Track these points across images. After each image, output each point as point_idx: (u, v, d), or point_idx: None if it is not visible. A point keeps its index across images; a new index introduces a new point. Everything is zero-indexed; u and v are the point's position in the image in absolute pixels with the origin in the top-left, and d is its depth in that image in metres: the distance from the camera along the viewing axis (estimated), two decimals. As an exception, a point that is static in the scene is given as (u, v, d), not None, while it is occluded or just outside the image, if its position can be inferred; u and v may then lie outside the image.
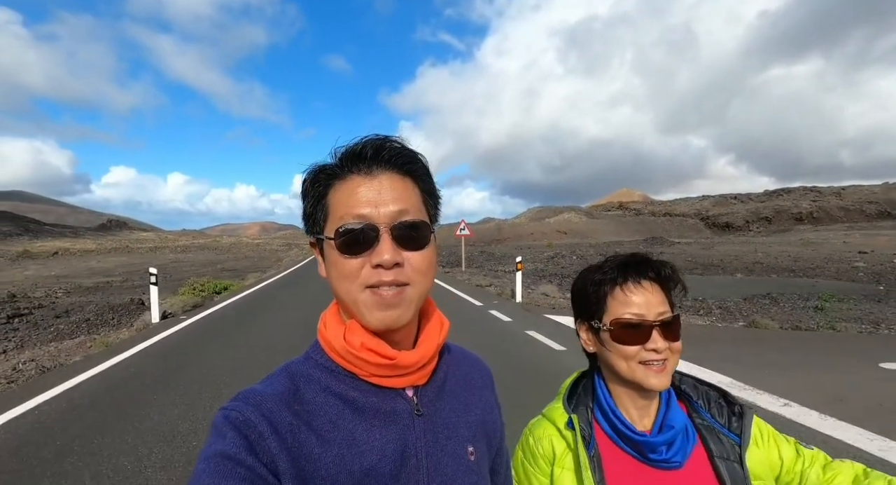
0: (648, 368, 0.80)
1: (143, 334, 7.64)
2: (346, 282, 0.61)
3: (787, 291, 13.08)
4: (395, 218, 0.61)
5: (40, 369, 5.84)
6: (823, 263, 22.97)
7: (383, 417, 0.63)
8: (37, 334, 10.09)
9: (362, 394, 0.63)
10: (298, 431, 0.58)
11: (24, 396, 4.64)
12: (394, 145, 0.63)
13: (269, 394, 0.60)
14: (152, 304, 8.67)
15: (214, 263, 35.71)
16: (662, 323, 0.81)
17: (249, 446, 0.55)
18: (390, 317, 0.60)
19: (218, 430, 0.57)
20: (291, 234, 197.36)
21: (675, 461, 0.80)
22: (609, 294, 0.85)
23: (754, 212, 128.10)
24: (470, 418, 0.70)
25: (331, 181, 0.64)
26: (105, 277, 26.54)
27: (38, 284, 23.21)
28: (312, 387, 0.63)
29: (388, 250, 0.59)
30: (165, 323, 8.58)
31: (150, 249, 62.29)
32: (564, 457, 0.85)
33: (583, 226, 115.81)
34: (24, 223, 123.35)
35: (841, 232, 67.66)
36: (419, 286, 0.63)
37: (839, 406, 3.86)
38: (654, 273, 0.84)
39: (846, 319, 8.74)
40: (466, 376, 0.75)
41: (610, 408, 0.84)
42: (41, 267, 35.86)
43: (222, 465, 0.53)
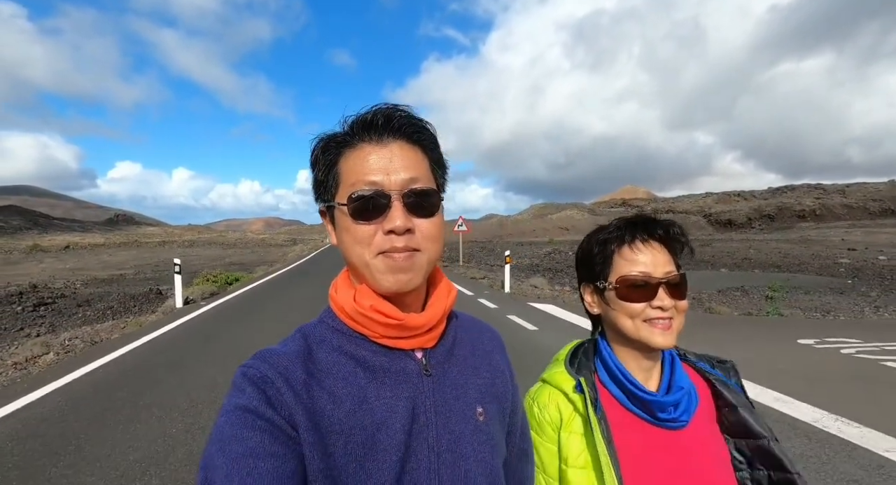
0: (654, 325, 0.81)
1: (169, 317, 8.64)
2: (359, 247, 0.62)
3: (761, 284, 13.94)
4: (406, 185, 0.62)
5: (90, 342, 6.86)
6: (810, 260, 23.76)
7: (393, 376, 0.64)
8: (65, 320, 11.11)
9: (373, 354, 0.65)
10: (311, 388, 0.61)
11: (87, 360, 5.66)
12: (403, 114, 0.64)
13: (284, 353, 0.63)
14: (176, 290, 9.67)
15: (222, 258, 36.80)
16: (669, 281, 0.81)
17: (268, 400, 0.57)
18: (401, 280, 0.62)
19: (237, 386, 0.59)
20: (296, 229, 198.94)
21: (682, 421, 0.81)
22: (616, 252, 0.85)
23: (757, 209, 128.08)
24: (479, 381, 0.71)
25: (341, 149, 0.65)
26: (118, 270, 27.64)
27: (55, 276, 24.31)
28: (325, 347, 0.65)
29: (400, 217, 0.61)
30: (188, 308, 9.59)
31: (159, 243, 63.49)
32: (572, 421, 0.85)
33: (585, 223, 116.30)
34: (34, 218, 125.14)
35: (842, 229, 68.00)
36: (429, 252, 0.64)
37: (750, 370, 4.78)
38: (662, 232, 0.84)
39: (803, 307, 9.62)
40: (475, 341, 0.76)
41: (618, 369, 0.85)
42: (55, 260, 37.06)
43: (243, 417, 0.55)
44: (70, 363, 5.61)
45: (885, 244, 35.42)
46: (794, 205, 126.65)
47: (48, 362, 5.85)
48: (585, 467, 0.81)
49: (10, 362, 5.88)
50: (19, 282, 20.29)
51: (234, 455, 0.53)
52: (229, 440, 0.54)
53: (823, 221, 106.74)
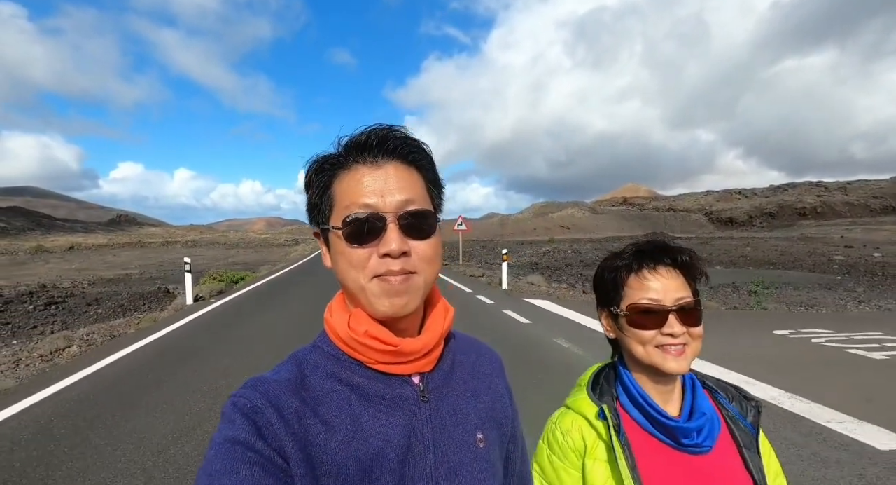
0: (666, 351, 0.81)
1: (181, 313, 9.07)
2: (354, 271, 0.61)
3: (753, 280, 14.32)
4: (402, 207, 0.61)
5: (109, 336, 7.29)
6: (805, 257, 24.12)
7: (389, 403, 0.63)
8: (76, 319, 11.52)
9: (368, 380, 0.63)
10: (304, 417, 0.59)
11: (109, 351, 6.09)
12: (398, 135, 0.64)
13: (276, 381, 0.62)
14: (187, 288, 10.10)
15: (225, 257, 37.30)
16: (680, 308, 0.81)
17: (258, 431, 0.56)
18: (397, 304, 0.61)
19: (227, 417, 0.58)
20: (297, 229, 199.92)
21: (705, 446, 0.81)
22: (626, 280, 0.86)
23: (758, 207, 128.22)
24: (479, 406, 0.70)
25: (335, 171, 0.64)
26: (123, 270, 28.10)
27: (61, 276, 24.77)
28: (319, 374, 0.64)
29: (396, 240, 0.60)
30: (198, 305, 10.02)
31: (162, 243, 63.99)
32: (595, 448, 0.84)
33: (586, 221, 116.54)
34: (37, 218, 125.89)
35: (843, 227, 68.27)
36: (426, 274, 0.63)
37: (725, 357, 5.17)
38: (670, 259, 0.84)
39: (789, 302, 10.02)
40: (475, 364, 0.74)
41: (640, 395, 0.85)
42: (61, 261, 37.56)
43: (232, 449, 0.54)
44: (93, 355, 6.03)
45: (883, 242, 35.74)
46: (795, 202, 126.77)
47: (72, 354, 6.28)
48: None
49: (36, 355, 6.31)
50: (28, 282, 20.73)
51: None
52: (219, 474, 0.53)
53: (824, 219, 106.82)
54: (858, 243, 33.66)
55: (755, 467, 0.82)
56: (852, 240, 38.24)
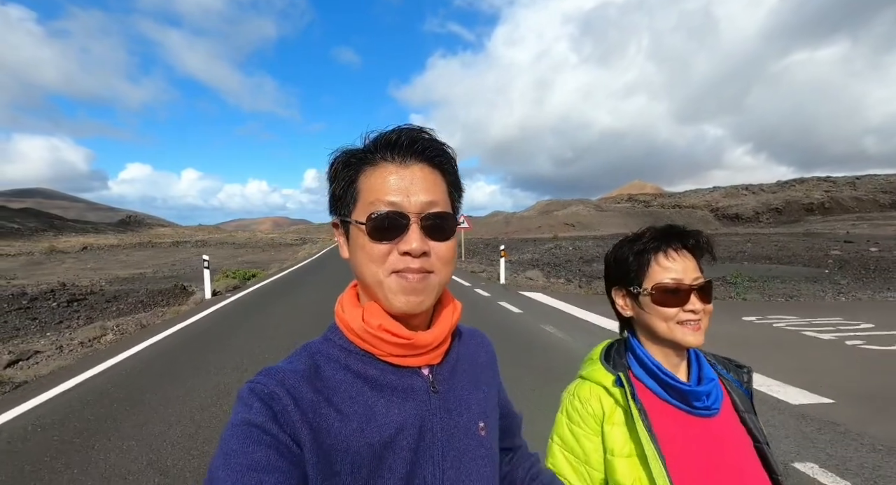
0: (685, 327, 0.88)
1: (201, 306, 9.81)
2: (373, 265, 0.63)
3: (744, 274, 14.85)
4: (425, 208, 0.63)
5: (139, 326, 8.04)
6: (803, 252, 24.52)
7: (401, 393, 0.65)
8: (99, 314, 12.27)
9: (381, 372, 0.66)
10: (319, 406, 0.61)
11: (142, 338, 6.82)
12: (427, 137, 0.66)
13: (290, 371, 0.63)
14: (206, 283, 10.86)
15: (235, 256, 38.16)
16: (699, 287, 0.89)
17: (274, 416, 0.58)
18: (413, 302, 0.63)
19: (244, 401, 0.60)
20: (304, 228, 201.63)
21: (714, 408, 0.89)
22: (652, 261, 0.91)
23: (765, 203, 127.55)
24: (479, 395, 0.74)
25: (362, 166, 0.66)
26: (137, 269, 28.99)
27: (78, 275, 25.69)
28: (332, 365, 0.66)
29: (417, 239, 0.62)
30: (216, 299, 10.77)
31: (172, 243, 65.14)
32: (613, 413, 0.90)
33: (591, 218, 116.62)
34: (49, 220, 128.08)
35: (849, 222, 68.08)
36: (442, 275, 0.65)
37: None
38: (693, 242, 0.92)
39: (771, 294, 10.57)
40: (474, 355, 0.78)
41: (654, 364, 0.91)
42: (76, 261, 38.61)
43: (249, 431, 0.56)
44: (128, 341, 6.77)
45: (889, 236, 35.85)
46: (802, 198, 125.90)
47: (109, 341, 7.03)
48: (630, 455, 0.86)
49: (76, 342, 7.06)
50: (48, 281, 21.62)
51: (238, 468, 0.53)
52: (234, 454, 0.54)
53: (832, 215, 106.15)
54: (862, 239, 33.86)
55: (755, 426, 0.90)
56: (858, 235, 38.36)
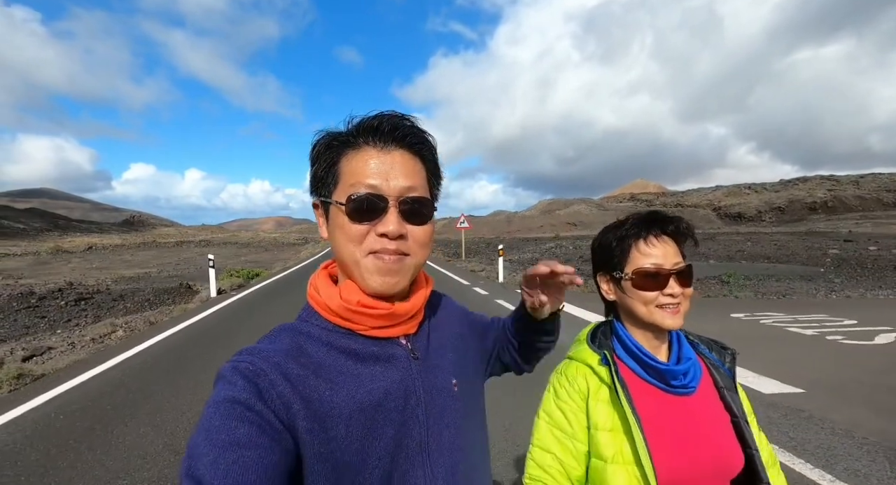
0: (665, 310, 0.92)
1: (207, 304, 10.09)
2: (351, 245, 0.66)
3: (740, 273, 15.05)
4: (404, 193, 0.66)
5: (147, 323, 8.31)
6: (802, 251, 24.65)
7: (384, 362, 0.69)
8: (106, 312, 12.55)
9: (362, 345, 0.69)
10: (307, 379, 0.63)
11: (151, 335, 7.10)
12: (409, 124, 0.69)
13: (274, 349, 0.66)
14: (211, 281, 11.13)
15: (238, 256, 38.50)
16: (678, 271, 0.92)
17: (259, 393, 0.59)
18: (389, 283, 0.66)
19: (227, 379, 0.60)
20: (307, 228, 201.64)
21: (691, 387, 0.93)
22: (632, 247, 0.94)
23: (767, 202, 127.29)
24: (452, 356, 0.79)
25: (344, 149, 0.68)
26: (142, 269, 29.32)
27: (84, 275, 26.02)
28: (313, 343, 0.68)
29: (394, 222, 0.65)
30: (221, 297, 11.06)
31: (175, 243, 65.55)
32: (598, 390, 0.94)
33: (593, 218, 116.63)
34: (53, 220, 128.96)
35: (852, 221, 67.98)
36: (417, 257, 0.69)
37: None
38: (673, 228, 0.94)
39: (765, 292, 10.76)
40: (442, 319, 0.83)
41: (635, 345, 0.95)
42: (81, 260, 39.01)
43: (232, 408, 0.56)
44: (138, 337, 7.04)
45: (892, 235, 35.85)
46: (805, 197, 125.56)
47: (119, 337, 7.30)
48: (613, 429, 0.90)
49: (87, 339, 7.34)
50: (55, 280, 21.95)
51: (220, 443, 0.53)
52: (217, 430, 0.54)
53: (835, 213, 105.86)
54: (863, 238, 33.90)
55: (734, 403, 0.94)
56: (860, 234, 38.36)
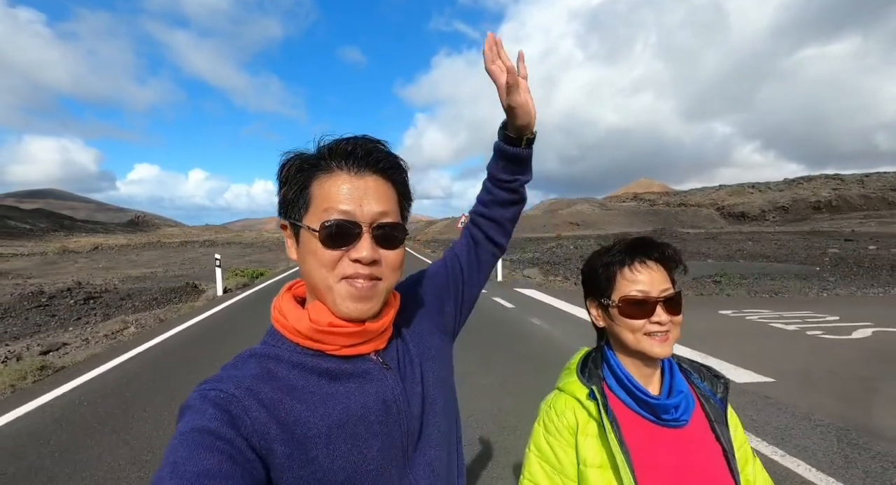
0: (653, 338, 0.89)
1: (213, 303, 10.42)
2: (324, 270, 0.65)
3: (737, 272, 15.27)
4: (377, 218, 0.66)
5: (157, 320, 8.64)
6: (801, 250, 24.82)
7: (358, 377, 0.69)
8: (115, 311, 12.89)
9: (334, 364, 0.68)
10: (281, 402, 0.62)
11: (162, 331, 7.43)
12: (381, 149, 0.69)
13: (244, 375, 0.64)
14: (217, 280, 11.46)
15: (242, 256, 38.91)
16: (665, 299, 0.89)
17: (231, 420, 0.57)
18: (361, 309, 0.66)
19: (196, 408, 0.58)
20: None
21: (682, 420, 0.90)
22: (618, 274, 0.93)
23: (771, 201, 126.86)
24: (423, 362, 0.79)
25: (315, 172, 0.67)
26: (148, 268, 29.75)
27: (91, 274, 26.45)
28: (283, 366, 0.67)
29: (368, 248, 0.65)
30: (227, 296, 11.39)
31: (180, 243, 66.08)
32: (587, 425, 0.92)
33: (595, 217, 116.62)
34: (59, 220, 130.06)
35: (856, 221, 67.76)
36: (389, 281, 0.69)
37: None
38: (657, 254, 0.92)
39: (758, 290, 11.00)
40: (407, 323, 0.82)
41: (625, 376, 0.93)
42: (88, 260, 39.53)
43: (201, 438, 0.54)
44: (150, 333, 7.37)
45: (895, 235, 35.84)
46: (809, 196, 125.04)
47: (131, 333, 7.63)
48: (602, 466, 0.88)
49: (101, 335, 7.66)
50: (63, 280, 22.35)
51: (188, 475, 0.51)
52: (184, 461, 0.52)
53: (839, 213, 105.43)
54: (866, 237, 33.92)
55: (724, 438, 0.91)
56: (863, 234, 38.34)
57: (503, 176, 0.87)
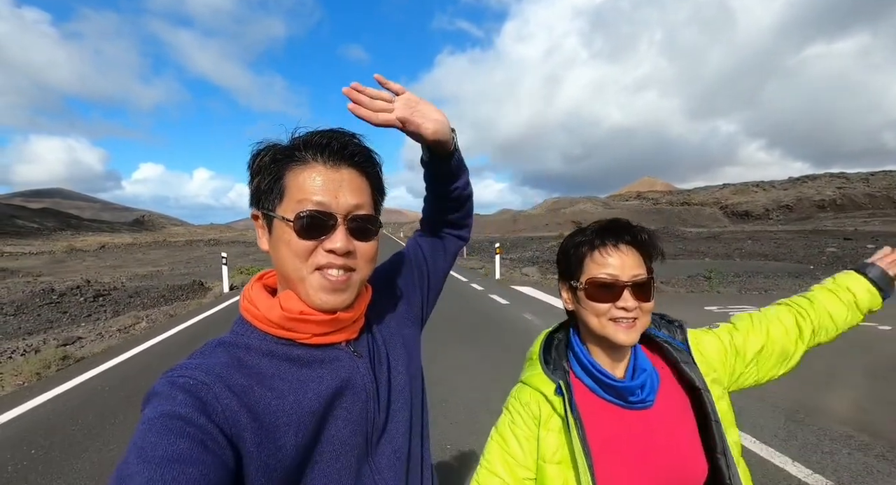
0: (618, 324, 0.87)
1: (220, 299, 10.81)
2: (298, 260, 0.66)
3: (732, 270, 15.55)
4: (352, 210, 0.68)
5: (168, 316, 9.03)
6: (799, 249, 25.03)
7: (328, 364, 0.70)
8: (124, 308, 13.28)
9: (304, 352, 0.69)
10: (251, 389, 0.62)
11: (173, 325, 7.83)
12: (357, 143, 0.70)
13: (214, 363, 0.63)
14: (224, 278, 11.87)
15: (247, 255, 39.33)
16: (635, 284, 0.87)
17: (202, 406, 0.56)
18: (335, 300, 0.67)
19: (164, 394, 0.57)
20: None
21: (649, 400, 0.90)
22: (587, 256, 0.91)
23: (775, 200, 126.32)
24: (394, 350, 0.81)
25: (289, 163, 0.68)
26: (154, 267, 30.20)
27: (99, 272, 26.93)
28: (252, 354, 0.67)
29: (342, 239, 0.66)
30: (234, 292, 11.78)
31: (185, 242, 66.63)
32: (549, 420, 0.90)
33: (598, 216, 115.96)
34: (66, 219, 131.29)
35: (860, 220, 67.54)
36: (363, 272, 0.71)
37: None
38: (629, 237, 0.90)
39: (749, 288, 11.28)
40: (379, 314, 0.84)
41: (589, 362, 0.92)
42: (96, 259, 40.09)
43: (170, 423, 0.53)
44: (161, 327, 7.76)
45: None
46: (813, 195, 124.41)
47: (143, 328, 8.02)
48: (561, 462, 0.87)
49: (114, 329, 8.06)
50: (72, 278, 22.81)
51: (157, 460, 0.49)
52: (152, 446, 0.51)
53: (844, 212, 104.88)
54: (868, 236, 33.96)
55: (695, 375, 0.91)
56: (866, 232, 38.30)
57: (448, 188, 0.87)
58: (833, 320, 1.03)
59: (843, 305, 1.04)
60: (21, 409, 4.01)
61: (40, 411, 3.99)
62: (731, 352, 0.99)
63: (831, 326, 1.03)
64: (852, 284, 1.05)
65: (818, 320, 1.02)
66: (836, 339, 1.05)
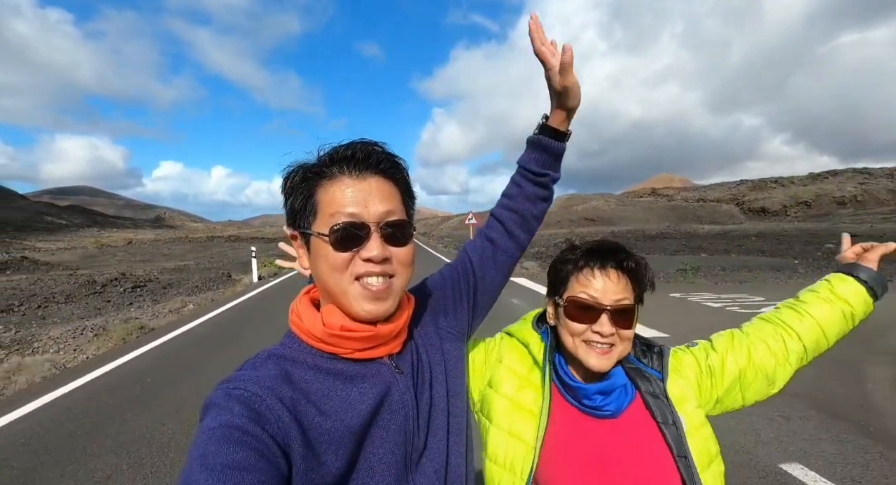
0: (591, 348, 0.87)
1: (252, 287, 12.31)
2: (337, 273, 0.68)
3: (719, 265, 16.47)
4: (383, 218, 0.69)
5: (209, 300, 10.53)
6: (799, 245, 25.67)
7: (371, 380, 0.72)
8: (161, 297, 14.81)
9: (348, 367, 0.72)
10: (299, 403, 0.65)
11: (215, 307, 9.30)
12: (381, 151, 0.72)
13: (264, 375, 0.66)
14: (253, 269, 13.39)
15: (266, 250, 41.01)
16: (615, 309, 0.85)
17: (257, 417, 0.59)
18: (378, 309, 0.69)
19: (220, 406, 0.60)
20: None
21: (606, 410, 0.87)
22: (572, 274, 0.91)
23: (793, 196, 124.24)
24: (438, 367, 0.82)
25: (319, 180, 0.70)
26: (181, 261, 32.02)
27: (131, 266, 28.80)
28: (300, 368, 0.70)
29: (377, 247, 0.67)
30: (262, 282, 13.29)
31: (206, 239, 68.98)
32: (531, 373, 0.93)
33: (611, 213, 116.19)
34: (92, 216, 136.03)
35: (881, 216, 66.45)
36: (403, 277, 0.72)
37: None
38: (615, 263, 0.88)
39: (728, 279, 12.28)
40: (424, 327, 0.85)
41: (559, 360, 0.93)
42: (125, 254, 42.31)
43: (229, 433, 0.56)
44: (206, 309, 9.22)
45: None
46: (833, 191, 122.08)
47: (190, 310, 9.50)
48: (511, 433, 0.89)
49: (166, 310, 9.55)
50: (108, 271, 24.61)
51: (218, 468, 0.53)
52: (213, 454, 0.54)
53: (865, 208, 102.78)
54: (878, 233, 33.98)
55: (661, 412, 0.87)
56: (883, 229, 38.08)
57: (536, 168, 0.91)
58: (825, 335, 0.95)
59: (837, 317, 0.95)
60: (124, 359, 5.48)
61: (143, 358, 5.45)
62: (705, 374, 0.95)
63: (823, 341, 0.96)
64: (847, 292, 0.96)
65: (809, 337, 0.95)
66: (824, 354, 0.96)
